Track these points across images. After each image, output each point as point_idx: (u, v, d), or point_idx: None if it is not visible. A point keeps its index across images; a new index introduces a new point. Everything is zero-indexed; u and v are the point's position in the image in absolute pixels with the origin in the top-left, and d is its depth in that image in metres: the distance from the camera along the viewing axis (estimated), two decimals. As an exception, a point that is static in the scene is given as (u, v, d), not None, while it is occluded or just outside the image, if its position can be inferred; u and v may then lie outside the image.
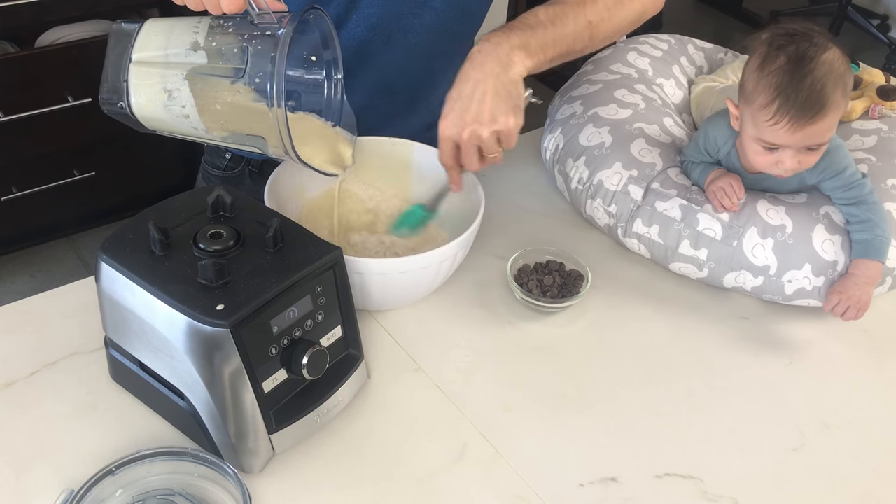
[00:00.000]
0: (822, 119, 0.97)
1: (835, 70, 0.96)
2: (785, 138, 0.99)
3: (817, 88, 0.96)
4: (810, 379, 1.00)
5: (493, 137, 0.93)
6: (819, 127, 0.97)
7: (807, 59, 0.96)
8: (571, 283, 1.05)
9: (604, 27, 1.01)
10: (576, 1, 0.99)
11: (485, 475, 0.84)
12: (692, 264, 1.07)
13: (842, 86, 0.97)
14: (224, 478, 0.76)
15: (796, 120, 0.97)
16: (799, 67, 0.97)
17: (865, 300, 1.01)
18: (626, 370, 0.98)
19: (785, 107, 0.97)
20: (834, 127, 0.99)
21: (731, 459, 0.89)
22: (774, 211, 1.05)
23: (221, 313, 0.73)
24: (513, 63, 0.92)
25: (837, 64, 0.97)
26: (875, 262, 1.01)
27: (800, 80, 0.96)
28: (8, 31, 2.06)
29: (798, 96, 0.96)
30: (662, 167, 1.12)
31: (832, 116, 0.97)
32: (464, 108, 0.91)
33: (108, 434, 0.84)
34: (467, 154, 0.94)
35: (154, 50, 0.84)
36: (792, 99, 0.96)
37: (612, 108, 1.21)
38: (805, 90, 0.96)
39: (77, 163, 2.21)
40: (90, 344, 0.93)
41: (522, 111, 0.95)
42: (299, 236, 0.83)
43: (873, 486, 0.87)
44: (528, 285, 1.03)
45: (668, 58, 1.38)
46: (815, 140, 0.99)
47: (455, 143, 0.94)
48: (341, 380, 0.86)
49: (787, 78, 0.97)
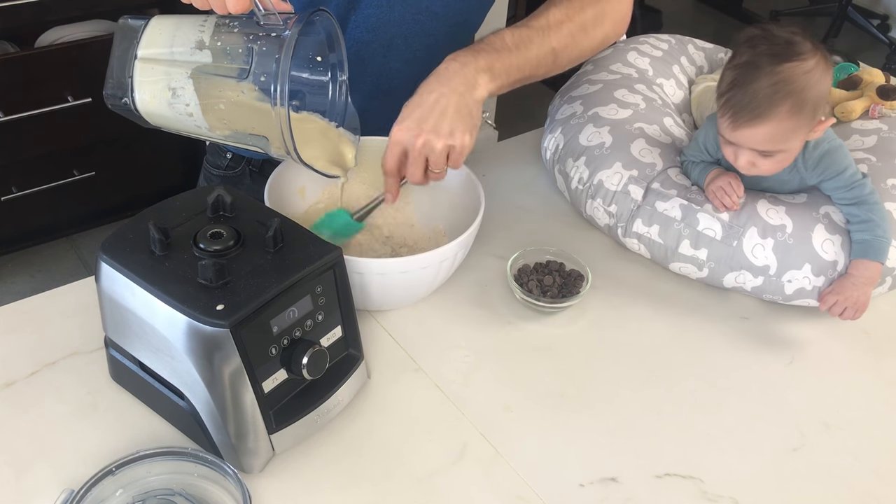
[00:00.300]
0: (758, 126, 0.98)
1: (790, 84, 0.96)
2: (727, 134, 1.01)
3: (758, 97, 0.96)
4: (810, 379, 1.00)
5: (444, 152, 0.93)
6: (756, 133, 0.98)
7: (756, 66, 0.97)
8: (571, 283, 1.05)
9: (567, 53, 1.03)
10: (541, 26, 1.00)
11: (485, 475, 0.84)
12: (692, 264, 1.07)
13: (793, 100, 0.96)
14: (224, 478, 0.76)
15: (733, 119, 0.99)
16: (748, 72, 0.97)
17: (864, 301, 1.01)
18: (626, 370, 0.98)
19: (728, 104, 0.99)
20: (782, 139, 0.99)
21: (731, 459, 0.89)
22: (774, 211, 1.05)
23: (221, 313, 0.73)
24: (477, 85, 0.94)
25: (799, 80, 0.96)
26: (874, 262, 1.01)
27: (746, 84, 0.97)
28: (8, 31, 2.05)
29: (742, 98, 0.98)
30: (663, 167, 1.12)
31: (773, 127, 0.98)
32: (422, 117, 0.91)
33: (108, 434, 0.84)
34: (415, 163, 0.93)
35: (159, 47, 0.84)
36: (735, 98, 0.98)
37: (613, 108, 1.21)
38: (748, 95, 0.97)
39: (77, 163, 2.21)
40: (90, 344, 0.93)
41: (477, 133, 0.95)
42: (299, 236, 0.83)
43: (873, 486, 0.87)
44: (528, 285, 1.03)
45: (668, 58, 1.38)
46: (755, 145, 1.00)
47: (404, 150, 0.93)
48: (341, 380, 0.86)
49: (739, 78, 0.98)
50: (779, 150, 1.01)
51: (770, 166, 1.02)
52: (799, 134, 1.00)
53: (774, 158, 1.02)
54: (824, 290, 1.03)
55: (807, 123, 0.99)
